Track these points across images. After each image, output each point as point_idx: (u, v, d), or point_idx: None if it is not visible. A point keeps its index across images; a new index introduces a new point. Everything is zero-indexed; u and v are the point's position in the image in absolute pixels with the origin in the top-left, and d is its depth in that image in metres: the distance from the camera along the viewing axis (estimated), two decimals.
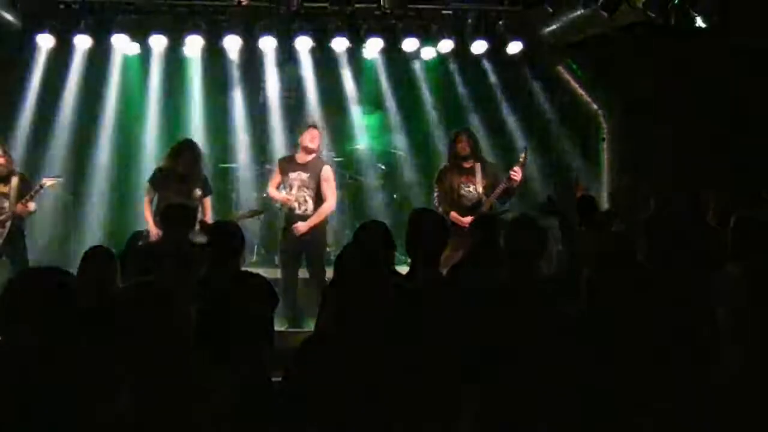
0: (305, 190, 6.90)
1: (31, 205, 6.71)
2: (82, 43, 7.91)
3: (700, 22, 6.78)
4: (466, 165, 6.81)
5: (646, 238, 4.08)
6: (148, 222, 6.63)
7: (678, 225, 4.47)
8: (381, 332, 3.05)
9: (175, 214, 5.36)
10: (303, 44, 8.16)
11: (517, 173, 6.60)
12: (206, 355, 2.91)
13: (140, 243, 5.78)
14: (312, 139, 6.97)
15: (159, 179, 6.79)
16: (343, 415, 2.95)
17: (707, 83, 7.81)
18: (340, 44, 8.21)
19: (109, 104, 8.75)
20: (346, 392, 2.95)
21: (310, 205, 6.91)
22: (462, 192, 6.77)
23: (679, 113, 8.04)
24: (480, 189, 6.75)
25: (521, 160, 6.80)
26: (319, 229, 6.99)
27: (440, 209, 6.64)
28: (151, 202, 6.78)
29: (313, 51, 8.48)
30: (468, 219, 6.37)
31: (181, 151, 6.83)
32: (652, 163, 8.18)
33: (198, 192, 6.74)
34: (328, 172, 6.98)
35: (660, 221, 4.26)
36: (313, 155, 6.99)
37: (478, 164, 6.81)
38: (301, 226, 6.83)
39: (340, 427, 2.96)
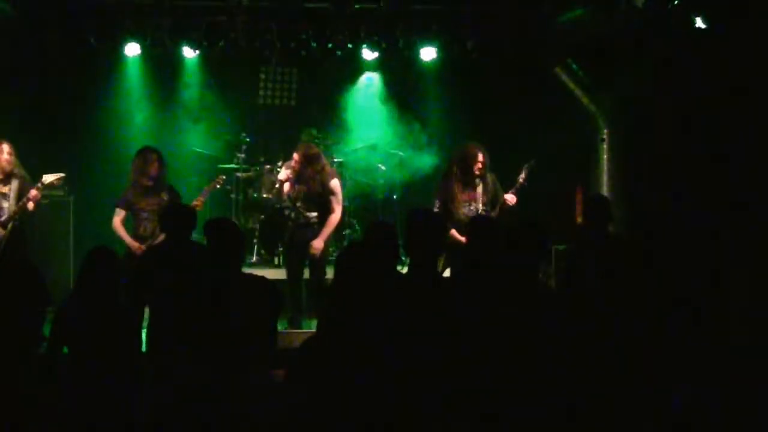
0: (301, 200, 6.83)
1: (31, 204, 6.70)
2: (84, 44, 7.87)
3: (699, 23, 6.81)
4: (472, 181, 6.73)
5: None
6: (125, 240, 6.63)
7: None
8: (381, 331, 3.06)
9: (176, 216, 5.35)
10: (303, 45, 8.17)
11: (511, 199, 6.68)
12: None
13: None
14: (294, 158, 6.87)
15: (126, 200, 6.81)
16: (344, 414, 2.95)
17: (707, 83, 7.80)
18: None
19: (111, 105, 8.73)
20: (346, 391, 2.95)
21: (312, 213, 6.84)
22: (463, 209, 6.64)
23: (679, 114, 8.03)
24: (480, 206, 6.69)
25: (521, 180, 6.82)
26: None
27: None
28: (122, 221, 6.77)
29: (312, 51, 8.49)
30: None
31: (142, 162, 6.76)
32: (652, 163, 8.17)
33: (165, 197, 6.72)
34: (335, 184, 6.86)
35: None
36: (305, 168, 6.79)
37: (482, 181, 6.74)
38: (317, 244, 6.72)
39: (340, 427, 2.97)
